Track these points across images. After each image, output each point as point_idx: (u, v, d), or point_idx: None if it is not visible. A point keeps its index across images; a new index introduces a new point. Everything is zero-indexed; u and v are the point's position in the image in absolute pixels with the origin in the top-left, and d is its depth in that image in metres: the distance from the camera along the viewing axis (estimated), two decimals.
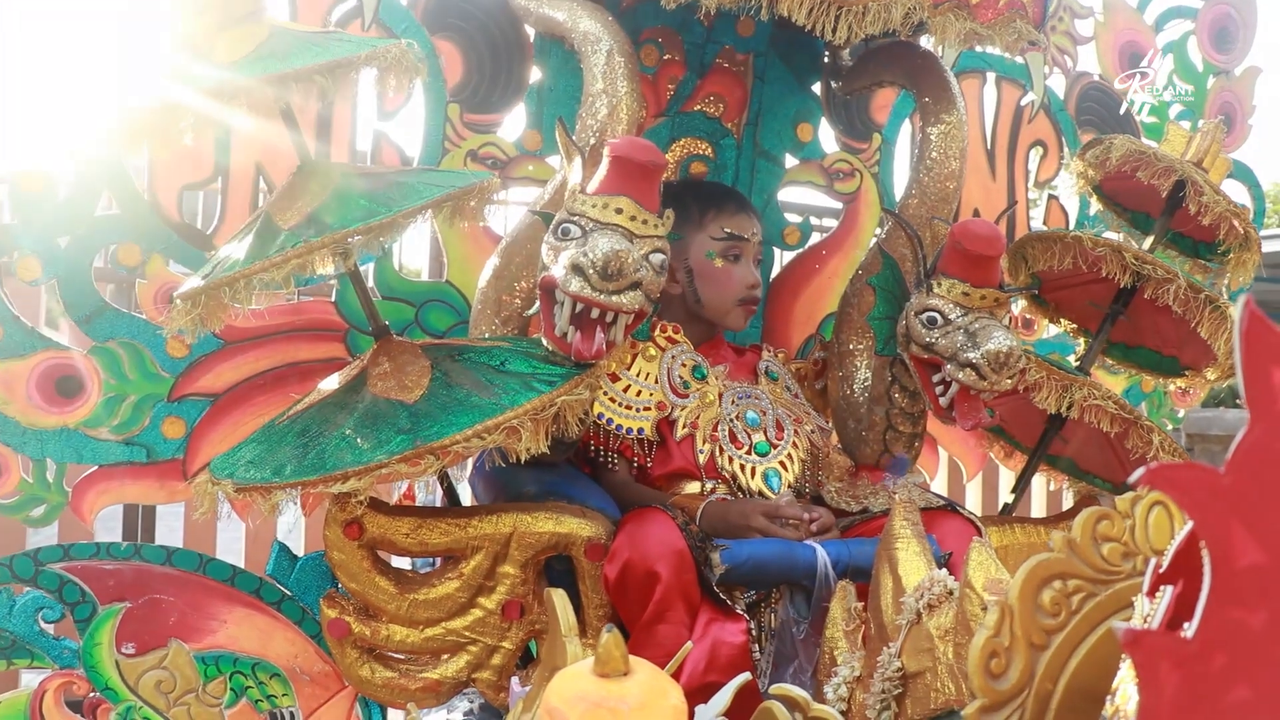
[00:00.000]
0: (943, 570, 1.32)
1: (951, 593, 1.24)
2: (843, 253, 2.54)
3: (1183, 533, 0.72)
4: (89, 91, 1.68)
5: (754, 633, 1.69)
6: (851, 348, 2.09)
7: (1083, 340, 2.27)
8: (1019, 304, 2.47)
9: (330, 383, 1.73)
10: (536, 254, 1.71)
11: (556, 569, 1.77)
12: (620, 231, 1.63)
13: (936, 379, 1.91)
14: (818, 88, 2.46)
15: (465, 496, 2.06)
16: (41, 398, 1.87)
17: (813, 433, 2.04)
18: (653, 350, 1.99)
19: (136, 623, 1.85)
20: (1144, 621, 0.75)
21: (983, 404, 1.89)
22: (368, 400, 1.62)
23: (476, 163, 2.16)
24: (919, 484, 2.05)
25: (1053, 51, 2.42)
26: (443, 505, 1.90)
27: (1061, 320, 2.30)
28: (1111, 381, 2.56)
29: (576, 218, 1.65)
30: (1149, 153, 1.99)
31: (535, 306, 1.71)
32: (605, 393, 1.91)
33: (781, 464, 1.94)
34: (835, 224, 2.61)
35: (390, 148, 2.13)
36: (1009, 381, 1.84)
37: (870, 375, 2.08)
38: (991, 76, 2.70)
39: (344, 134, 2.10)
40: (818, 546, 1.75)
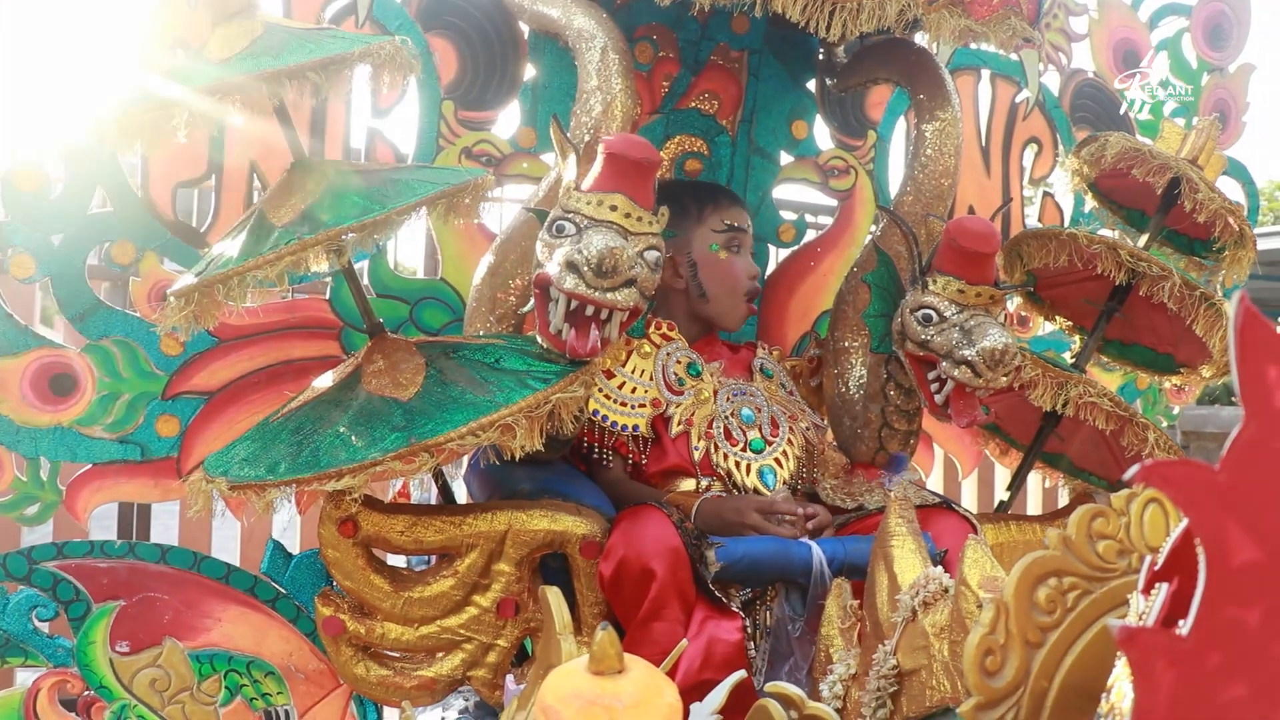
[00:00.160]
0: (938, 568, 1.32)
1: (947, 590, 1.24)
2: (838, 250, 2.54)
3: (1178, 530, 0.72)
4: (79, 85, 1.68)
5: (749, 630, 1.69)
6: (847, 345, 2.09)
7: (1078, 337, 2.27)
8: (1014, 301, 2.47)
9: (324, 380, 1.72)
10: (531, 251, 1.71)
11: (552, 566, 1.77)
12: (615, 228, 1.63)
13: (932, 376, 1.91)
14: (813, 85, 2.46)
15: (460, 494, 2.06)
16: (35, 396, 1.87)
17: (808, 430, 2.03)
18: (647, 347, 1.99)
19: (131, 621, 1.85)
20: (1139, 619, 0.75)
21: (978, 401, 1.89)
22: (362, 398, 1.62)
23: (471, 160, 2.16)
24: (914, 481, 2.05)
25: (1047, 48, 2.41)
26: (438, 503, 1.90)
27: (1057, 317, 2.31)
28: (1107, 379, 2.56)
29: (571, 215, 1.65)
30: (1144, 150, 1.99)
31: (530, 304, 1.71)
32: (600, 389, 1.90)
33: (777, 461, 1.94)
34: (830, 221, 2.61)
35: (384, 145, 2.13)
36: (1004, 379, 1.85)
37: (866, 372, 2.07)
38: (986, 73, 2.70)
39: (338, 131, 2.10)
40: (813, 544, 1.75)
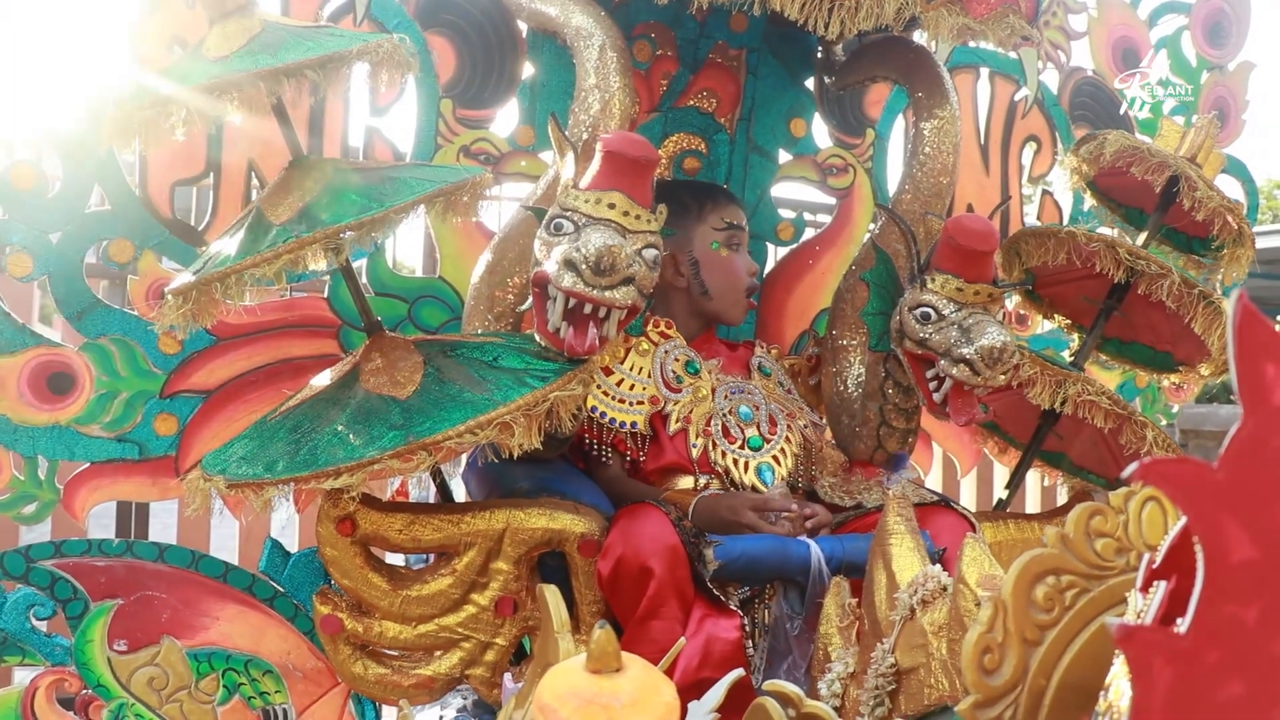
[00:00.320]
0: (936, 566, 1.32)
1: (945, 588, 1.24)
2: (836, 248, 2.54)
3: (1176, 528, 0.72)
4: (76, 80, 1.67)
5: (748, 629, 1.69)
6: (845, 343, 2.09)
7: (1077, 336, 2.28)
8: (1013, 299, 2.47)
9: (322, 379, 1.72)
10: (529, 249, 1.71)
11: (550, 565, 1.77)
12: (613, 227, 1.63)
13: (930, 374, 1.91)
14: (811, 83, 2.46)
15: (459, 493, 2.05)
16: (33, 394, 1.87)
17: (806, 428, 2.03)
18: (645, 345, 1.99)
19: (128, 619, 1.85)
20: (1137, 617, 0.75)
21: (977, 400, 1.89)
22: (360, 396, 1.62)
23: (469, 158, 2.16)
24: (913, 479, 2.05)
25: (1046, 46, 2.40)
26: (436, 501, 1.90)
27: (1055, 316, 2.31)
28: (1105, 377, 2.56)
29: (569, 213, 1.65)
30: (1143, 148, 1.99)
31: (528, 302, 1.71)
32: (599, 386, 1.90)
33: (774, 459, 1.94)
34: (829, 219, 2.62)
35: (382, 143, 2.13)
36: (1003, 377, 1.84)
37: (864, 371, 2.07)
38: (985, 72, 2.70)
39: (336, 129, 2.10)
40: (811, 542, 1.75)
